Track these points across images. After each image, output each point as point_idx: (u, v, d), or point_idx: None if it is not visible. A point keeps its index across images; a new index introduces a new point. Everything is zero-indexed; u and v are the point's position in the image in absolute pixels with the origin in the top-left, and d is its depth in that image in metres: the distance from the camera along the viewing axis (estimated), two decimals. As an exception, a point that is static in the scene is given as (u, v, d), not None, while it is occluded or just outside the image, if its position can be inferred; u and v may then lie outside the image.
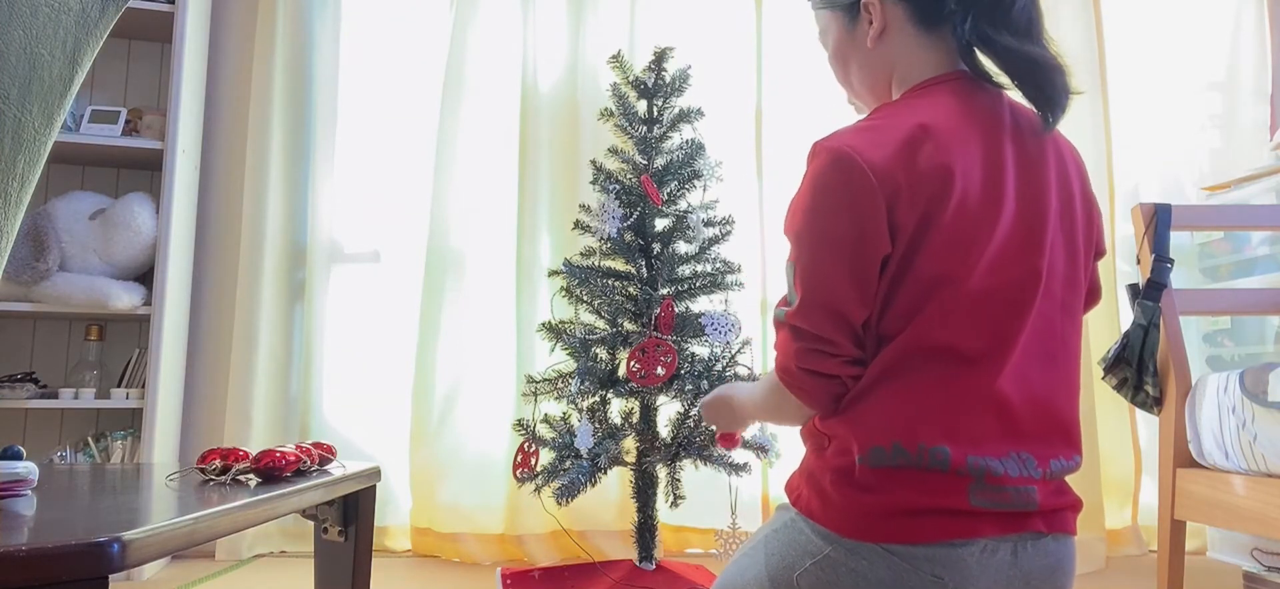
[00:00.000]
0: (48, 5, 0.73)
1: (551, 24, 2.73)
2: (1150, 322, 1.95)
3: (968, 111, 0.85)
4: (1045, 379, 0.84)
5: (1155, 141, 2.98)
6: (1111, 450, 2.72)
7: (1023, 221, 0.83)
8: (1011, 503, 0.79)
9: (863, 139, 0.81)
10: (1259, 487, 1.69)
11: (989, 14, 0.86)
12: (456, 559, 2.54)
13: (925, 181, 0.79)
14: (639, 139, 2.18)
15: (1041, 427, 0.83)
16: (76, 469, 1.31)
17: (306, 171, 2.70)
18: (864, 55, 0.95)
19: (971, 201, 0.80)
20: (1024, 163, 0.86)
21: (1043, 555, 0.81)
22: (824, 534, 0.81)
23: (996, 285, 0.81)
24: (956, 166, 0.80)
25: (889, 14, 0.92)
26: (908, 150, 0.80)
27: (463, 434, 2.60)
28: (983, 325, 0.80)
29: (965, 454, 0.78)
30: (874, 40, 0.93)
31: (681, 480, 2.10)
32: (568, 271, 2.12)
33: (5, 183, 0.73)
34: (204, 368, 2.66)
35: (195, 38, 2.57)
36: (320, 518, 1.45)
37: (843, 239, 0.80)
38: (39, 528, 0.78)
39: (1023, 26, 0.86)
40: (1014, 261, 0.82)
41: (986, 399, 0.80)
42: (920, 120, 0.82)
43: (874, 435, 0.80)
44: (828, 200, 0.81)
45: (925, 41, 0.91)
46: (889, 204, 0.79)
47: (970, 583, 0.77)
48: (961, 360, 0.80)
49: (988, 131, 0.85)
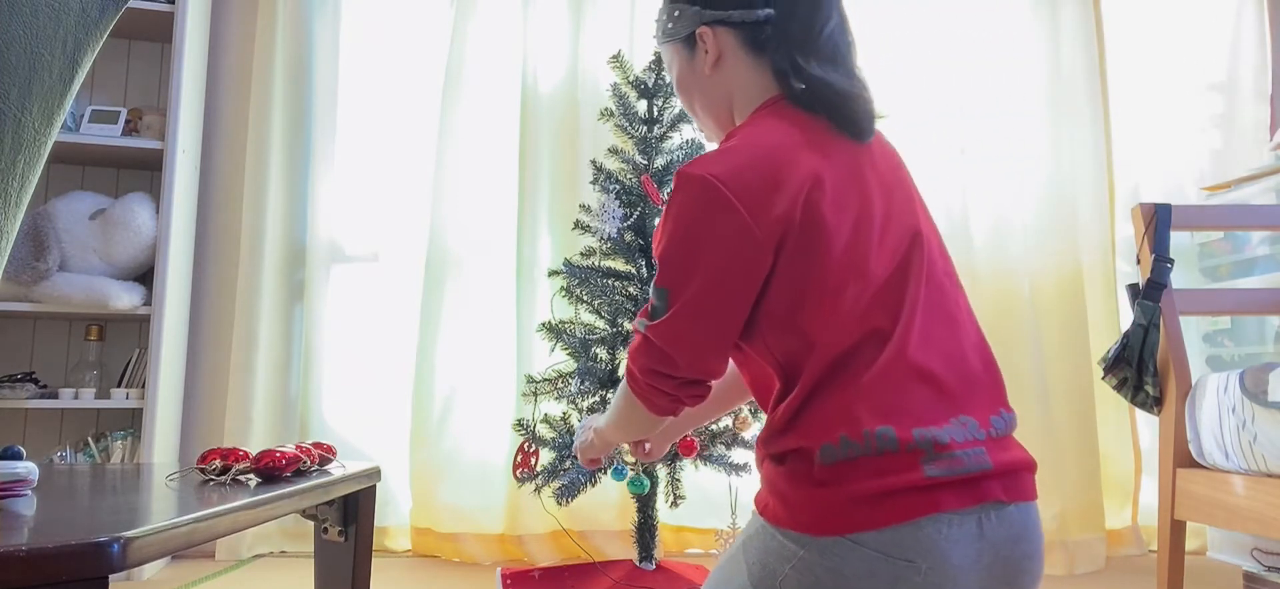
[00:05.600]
0: (48, 5, 0.73)
1: (551, 24, 2.73)
2: (1150, 321, 1.95)
3: (808, 123, 0.91)
4: (954, 343, 0.87)
5: (1155, 142, 2.98)
6: (1111, 450, 2.72)
7: (890, 199, 0.90)
8: (965, 467, 0.80)
9: (723, 164, 0.85)
10: (1259, 487, 1.69)
11: (798, 43, 0.93)
12: (456, 559, 2.54)
13: (797, 188, 0.84)
14: (639, 139, 2.18)
15: (967, 387, 0.86)
16: (76, 469, 1.31)
17: (306, 171, 2.71)
18: (703, 83, 1.01)
19: (843, 194, 0.87)
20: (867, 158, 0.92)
21: (1007, 525, 0.82)
22: (793, 537, 0.82)
23: (892, 263, 0.87)
24: (819, 167, 0.86)
25: (722, 42, 0.98)
26: (773, 164, 0.85)
27: (463, 434, 2.60)
28: (887, 304, 0.85)
29: (910, 429, 0.80)
30: (711, 68, 0.99)
31: (681, 480, 2.10)
32: (568, 271, 2.12)
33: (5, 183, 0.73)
34: (204, 368, 2.66)
35: (195, 38, 2.57)
36: (320, 518, 1.45)
37: (704, 267, 0.85)
38: (39, 528, 0.78)
39: (829, 55, 0.93)
40: (897, 241, 0.88)
41: (910, 372, 0.83)
42: (773, 138, 0.88)
43: (823, 434, 0.82)
44: (690, 228, 0.86)
45: (758, 66, 0.97)
46: (759, 223, 0.84)
47: (944, 564, 0.78)
48: (879, 343, 0.83)
49: (828, 137, 0.91)
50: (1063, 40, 2.86)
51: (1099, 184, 2.80)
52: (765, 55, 0.96)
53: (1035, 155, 2.80)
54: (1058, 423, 2.64)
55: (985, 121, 2.80)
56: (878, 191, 0.90)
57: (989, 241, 2.75)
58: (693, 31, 0.99)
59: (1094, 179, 2.79)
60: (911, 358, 0.83)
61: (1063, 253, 2.75)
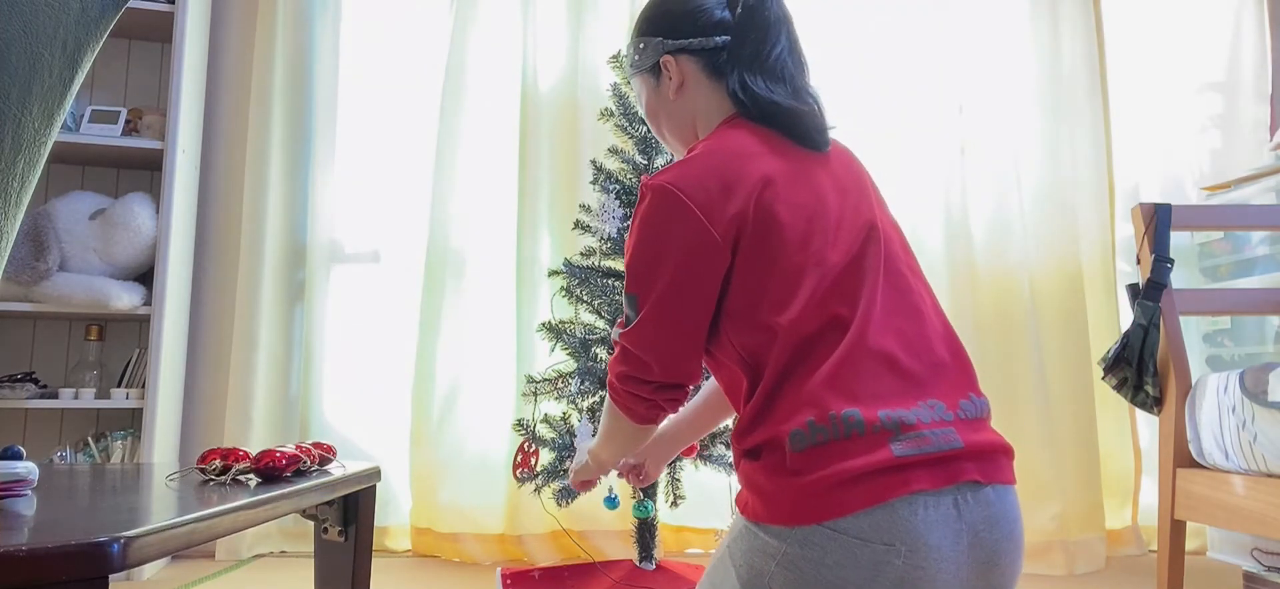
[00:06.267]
0: (48, 5, 0.73)
1: (551, 24, 2.73)
2: (1150, 321, 1.95)
3: (763, 135, 0.98)
4: (917, 331, 0.90)
5: (1155, 142, 2.98)
6: (1111, 450, 2.73)
7: (844, 195, 0.95)
8: (934, 445, 0.81)
9: (682, 173, 0.91)
10: (1259, 487, 1.69)
11: (749, 65, 1.00)
12: (456, 559, 2.54)
13: (750, 189, 0.90)
14: (639, 139, 2.18)
15: (933, 374, 0.87)
16: (76, 469, 1.31)
17: (306, 171, 2.70)
18: (670, 107, 1.08)
19: (796, 192, 0.92)
20: (822, 163, 0.98)
21: (985, 507, 0.82)
22: (774, 532, 0.82)
23: (849, 253, 0.90)
24: (771, 170, 0.92)
25: (684, 69, 1.05)
26: (727, 169, 0.91)
27: (463, 434, 2.60)
28: (846, 292, 0.88)
29: (876, 410, 0.81)
30: (675, 93, 1.06)
31: (681, 480, 2.10)
32: (568, 271, 2.12)
33: (5, 183, 0.73)
34: (204, 368, 2.66)
35: (195, 38, 2.57)
36: (320, 518, 1.45)
37: (667, 270, 0.90)
38: (39, 528, 0.78)
39: (777, 75, 1.00)
40: (852, 234, 0.92)
41: (870, 355, 0.85)
42: (728, 145, 0.94)
43: (791, 420, 0.83)
44: (654, 235, 0.91)
45: (717, 88, 1.04)
46: (715, 223, 0.89)
47: (922, 545, 0.78)
48: (839, 330, 0.86)
49: (781, 146, 0.97)
50: (1062, 40, 2.86)
51: (1099, 184, 2.80)
52: (722, 78, 1.03)
53: (1035, 155, 2.80)
54: (1058, 423, 2.64)
55: (985, 121, 2.80)
56: (832, 190, 0.94)
57: (989, 241, 2.75)
58: (657, 61, 1.07)
59: (1094, 179, 2.79)
60: (872, 343, 0.85)
61: (1062, 252, 2.75)
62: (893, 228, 0.99)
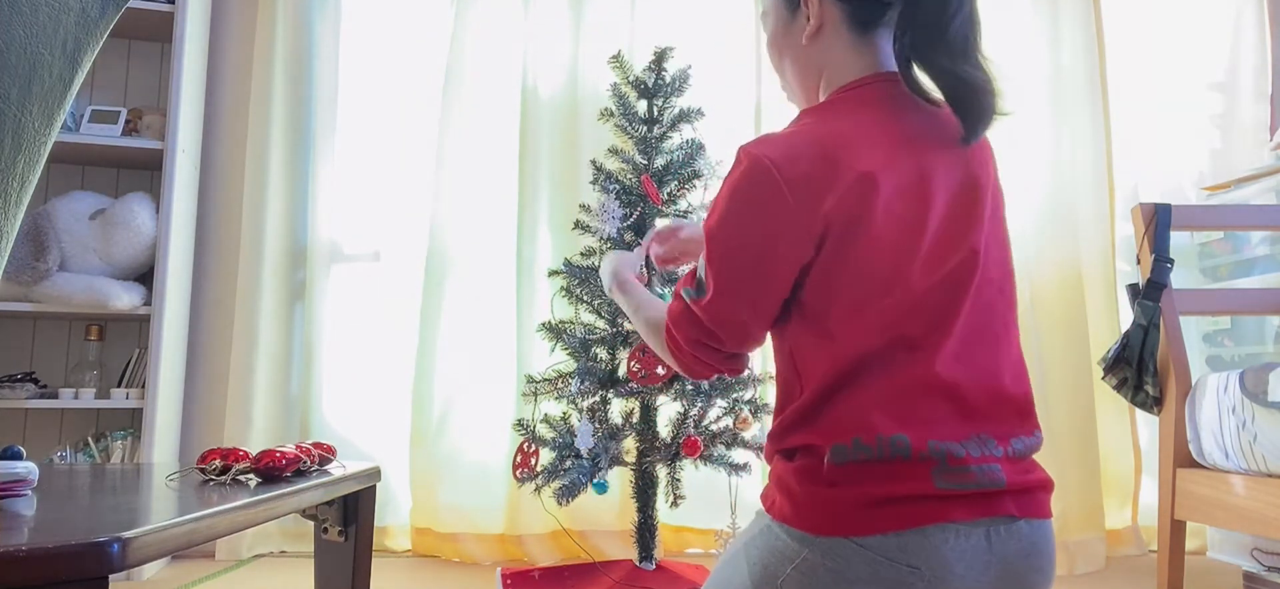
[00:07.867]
0: (48, 5, 0.73)
1: (551, 24, 2.73)
2: (1150, 321, 1.95)
3: (890, 115, 0.88)
4: (990, 361, 0.85)
5: (1155, 142, 2.98)
6: (1111, 450, 2.72)
7: (954, 212, 0.86)
8: (977, 482, 0.79)
9: (782, 149, 0.83)
10: (1259, 487, 1.69)
11: (926, 33, 0.87)
12: (456, 559, 2.54)
13: (848, 187, 0.81)
14: (639, 139, 2.18)
15: (993, 407, 0.84)
16: (76, 469, 1.31)
17: (306, 172, 2.70)
18: (798, 50, 0.96)
19: (900, 199, 0.83)
20: (947, 159, 0.88)
21: (1017, 540, 0.81)
22: (798, 536, 0.81)
23: (935, 276, 0.83)
24: (879, 169, 0.82)
25: (826, 14, 0.93)
26: (828, 158, 0.82)
27: (463, 434, 2.60)
28: (924, 315, 0.82)
29: (925, 439, 0.79)
30: (809, 38, 0.94)
31: (681, 480, 2.10)
32: (568, 271, 2.12)
33: (5, 183, 0.73)
34: (204, 368, 2.66)
35: (195, 38, 2.57)
36: (320, 518, 1.45)
37: (749, 247, 0.85)
38: (39, 528, 0.78)
39: (959, 47, 0.87)
40: (950, 250, 0.84)
41: (933, 385, 0.81)
42: (841, 128, 0.85)
43: (836, 434, 0.81)
44: (741, 208, 0.85)
45: (858, 45, 0.92)
46: (805, 213, 0.81)
47: (947, 572, 0.77)
48: (907, 351, 0.82)
49: (910, 133, 0.87)
50: (1063, 40, 2.86)
51: (1099, 184, 2.79)
52: (875, 35, 0.91)
53: (1035, 155, 2.80)
54: (1058, 422, 2.64)
55: (985, 121, 2.79)
56: (943, 201, 0.85)
57: (989, 241, 2.75)
58: None
59: (1094, 179, 2.79)
60: (938, 371, 0.81)
61: (1063, 253, 2.75)
62: (996, 246, 0.90)
